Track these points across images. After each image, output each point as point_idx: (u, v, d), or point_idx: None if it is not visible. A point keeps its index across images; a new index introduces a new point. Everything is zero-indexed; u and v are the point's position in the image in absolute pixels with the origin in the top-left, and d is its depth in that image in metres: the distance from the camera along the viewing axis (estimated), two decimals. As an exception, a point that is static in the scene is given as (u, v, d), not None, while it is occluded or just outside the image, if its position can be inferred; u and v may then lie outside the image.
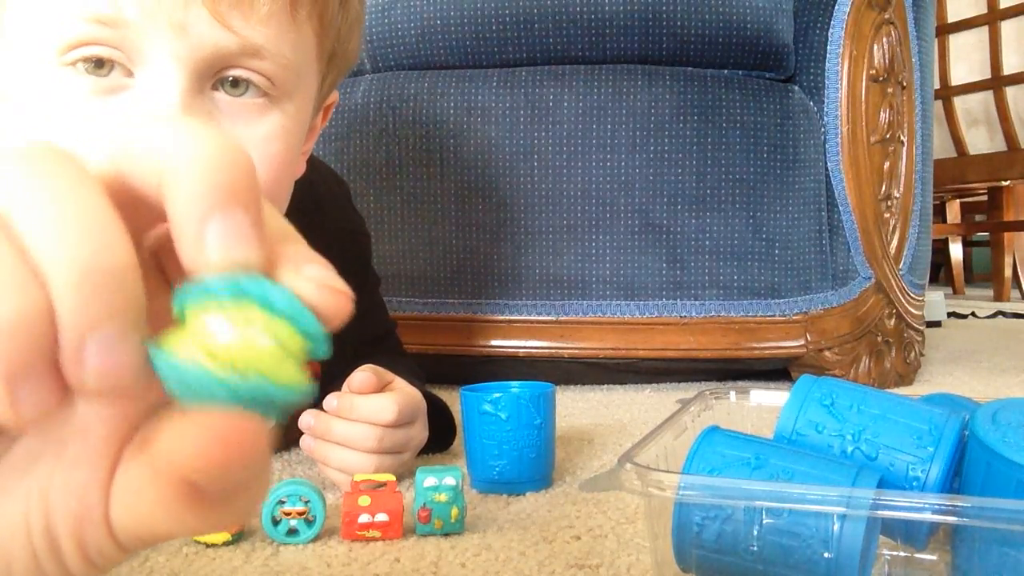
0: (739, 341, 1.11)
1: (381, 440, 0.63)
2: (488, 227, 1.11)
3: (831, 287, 1.15)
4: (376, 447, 0.63)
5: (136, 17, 0.48)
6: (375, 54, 1.13)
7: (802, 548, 0.39)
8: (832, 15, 1.13)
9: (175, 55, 0.49)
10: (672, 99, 1.10)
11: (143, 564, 0.50)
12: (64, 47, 0.49)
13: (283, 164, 0.54)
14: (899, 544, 0.46)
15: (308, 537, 0.54)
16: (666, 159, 1.09)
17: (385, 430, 0.63)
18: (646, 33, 1.08)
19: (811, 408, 0.48)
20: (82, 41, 0.49)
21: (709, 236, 1.10)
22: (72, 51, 0.49)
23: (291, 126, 0.54)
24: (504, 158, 1.10)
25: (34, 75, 0.50)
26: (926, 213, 1.25)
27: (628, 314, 1.10)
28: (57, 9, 0.48)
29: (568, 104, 1.09)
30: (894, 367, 1.17)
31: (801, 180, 1.13)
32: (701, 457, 0.44)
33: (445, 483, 0.55)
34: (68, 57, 0.49)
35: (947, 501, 0.37)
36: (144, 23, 0.48)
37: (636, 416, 0.96)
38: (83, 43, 0.49)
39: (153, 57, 0.49)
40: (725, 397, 0.59)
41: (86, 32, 0.48)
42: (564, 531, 0.56)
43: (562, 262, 1.10)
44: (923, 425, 0.45)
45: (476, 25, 1.08)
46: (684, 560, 0.43)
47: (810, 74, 1.15)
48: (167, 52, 0.49)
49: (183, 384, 0.19)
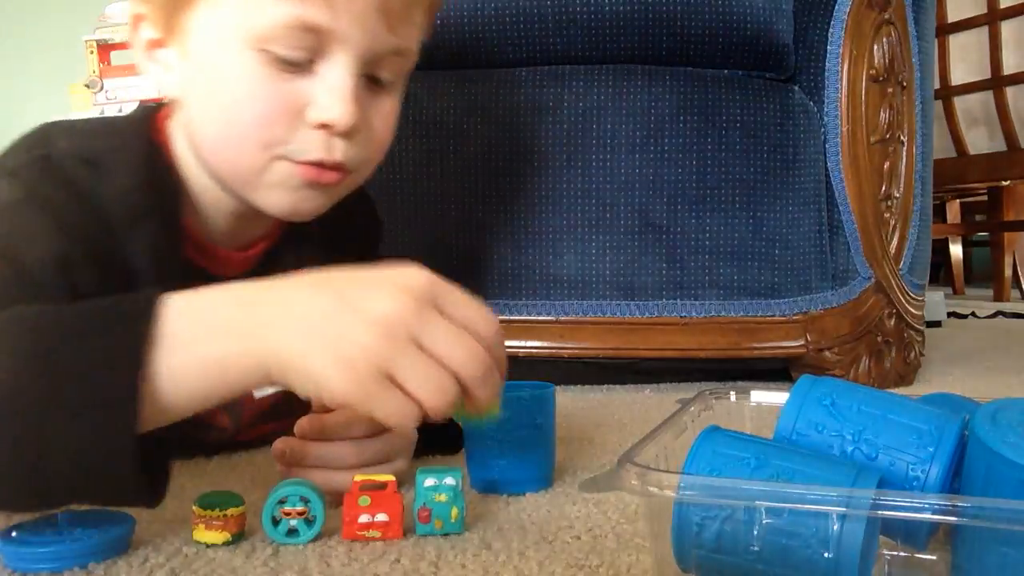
0: (739, 341, 1.11)
1: (360, 455, 0.62)
2: (488, 227, 1.11)
3: (831, 287, 1.15)
4: (356, 462, 0.62)
5: (341, 27, 0.60)
6: (375, 54, 1.13)
7: (802, 548, 0.39)
8: (832, 15, 1.13)
9: (353, 55, 0.62)
10: (672, 99, 1.09)
11: (143, 564, 0.50)
12: (264, 39, 0.60)
13: (392, 133, 0.69)
14: (899, 544, 0.46)
15: (308, 537, 0.54)
16: (666, 159, 1.09)
17: (363, 442, 0.62)
18: (646, 33, 1.08)
19: (811, 408, 0.48)
20: (285, 38, 0.60)
21: (709, 236, 1.10)
22: (271, 44, 0.60)
23: (398, 104, 0.69)
24: (504, 158, 1.10)
25: (231, 59, 0.61)
26: (926, 213, 1.25)
27: (628, 314, 1.10)
28: (266, 8, 0.60)
29: (568, 104, 1.09)
30: (894, 367, 1.17)
31: (801, 180, 1.13)
32: (701, 457, 0.44)
33: (445, 483, 0.55)
34: (266, 46, 0.60)
35: (947, 501, 0.37)
36: (345, 31, 0.61)
37: (636, 416, 0.96)
38: (284, 40, 0.60)
39: (336, 54, 0.61)
40: (725, 397, 0.59)
41: (291, 34, 0.60)
42: (564, 531, 0.56)
43: (562, 262, 1.10)
44: (923, 425, 0.45)
45: (476, 25, 1.08)
46: (684, 560, 0.43)
47: (810, 74, 1.15)
48: (351, 52, 0.62)
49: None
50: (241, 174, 0.65)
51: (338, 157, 0.64)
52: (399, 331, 0.47)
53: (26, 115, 3.69)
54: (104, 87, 3.19)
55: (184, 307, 0.48)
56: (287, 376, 0.48)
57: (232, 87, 0.62)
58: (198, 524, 0.53)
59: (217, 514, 0.52)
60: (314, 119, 0.62)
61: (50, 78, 3.39)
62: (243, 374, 0.48)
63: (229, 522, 0.53)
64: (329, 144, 0.63)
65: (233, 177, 0.66)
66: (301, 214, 0.67)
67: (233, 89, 0.62)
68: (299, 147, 0.63)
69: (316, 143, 0.63)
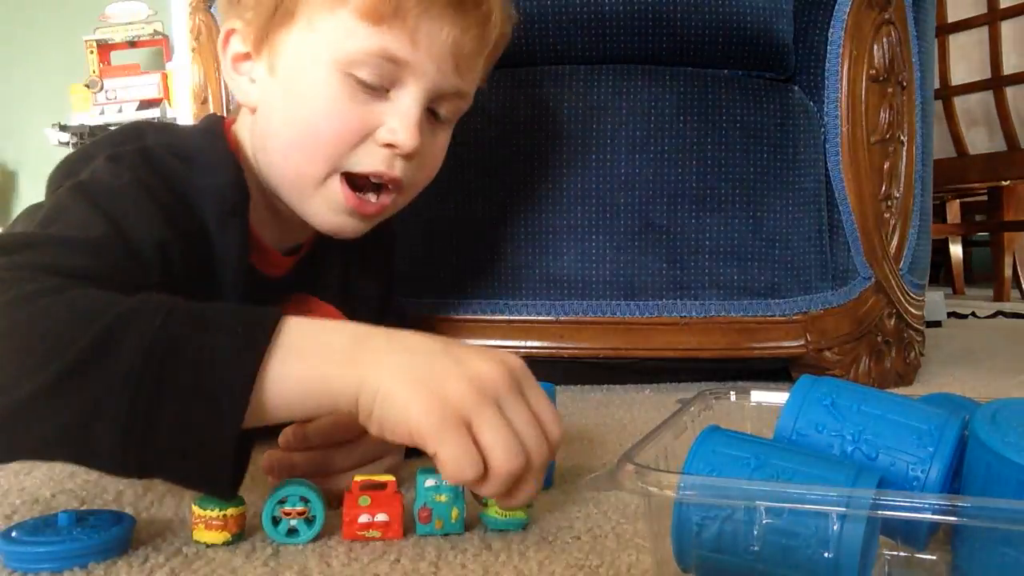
0: (739, 341, 1.11)
1: (349, 457, 0.62)
2: (488, 227, 1.11)
3: (831, 287, 1.15)
4: (347, 465, 0.62)
5: (419, 62, 0.68)
6: (375, 54, 1.13)
7: (802, 548, 0.39)
8: (832, 15, 1.13)
9: (424, 87, 0.70)
10: (672, 99, 1.09)
11: (143, 564, 0.50)
12: (351, 63, 0.68)
13: (439, 165, 0.78)
14: (899, 544, 0.46)
15: (308, 537, 0.54)
16: (666, 159, 1.09)
17: (350, 445, 0.62)
18: (646, 33, 1.08)
19: (811, 408, 0.48)
20: (369, 65, 0.68)
21: (709, 236, 1.10)
22: (356, 68, 0.68)
23: (448, 140, 0.78)
24: (504, 158, 1.10)
25: (318, 78, 0.69)
26: (926, 213, 1.25)
27: (628, 314, 1.10)
28: (357, 36, 0.67)
29: (568, 104, 1.09)
30: (894, 367, 1.17)
31: (801, 180, 1.13)
32: (701, 457, 0.44)
33: (445, 483, 0.55)
34: (351, 70, 0.68)
35: (947, 501, 0.37)
36: (422, 65, 0.69)
37: (636, 416, 0.96)
38: (368, 66, 0.68)
39: (409, 85, 0.69)
40: (725, 397, 0.59)
41: (375, 61, 0.68)
42: (564, 531, 0.56)
43: (562, 262, 1.10)
44: (923, 425, 0.45)
45: (476, 25, 1.08)
46: (684, 560, 0.43)
47: (810, 74, 1.15)
48: (422, 85, 0.69)
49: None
50: (300, 183, 0.72)
51: (396, 173, 0.71)
52: (489, 391, 0.50)
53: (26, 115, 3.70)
54: (104, 87, 3.19)
55: (303, 326, 0.52)
56: (373, 399, 0.50)
57: (315, 103, 0.69)
58: (198, 524, 0.53)
59: (217, 514, 0.52)
60: (383, 138, 0.70)
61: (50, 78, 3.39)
62: (337, 395, 0.51)
63: (229, 522, 0.53)
64: (391, 161, 0.71)
65: (292, 185, 0.73)
66: (342, 234, 0.75)
67: (315, 105, 0.69)
68: (362, 160, 0.70)
69: (379, 158, 0.70)
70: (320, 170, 0.70)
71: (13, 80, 3.50)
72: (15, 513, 0.60)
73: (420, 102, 0.70)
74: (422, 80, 0.69)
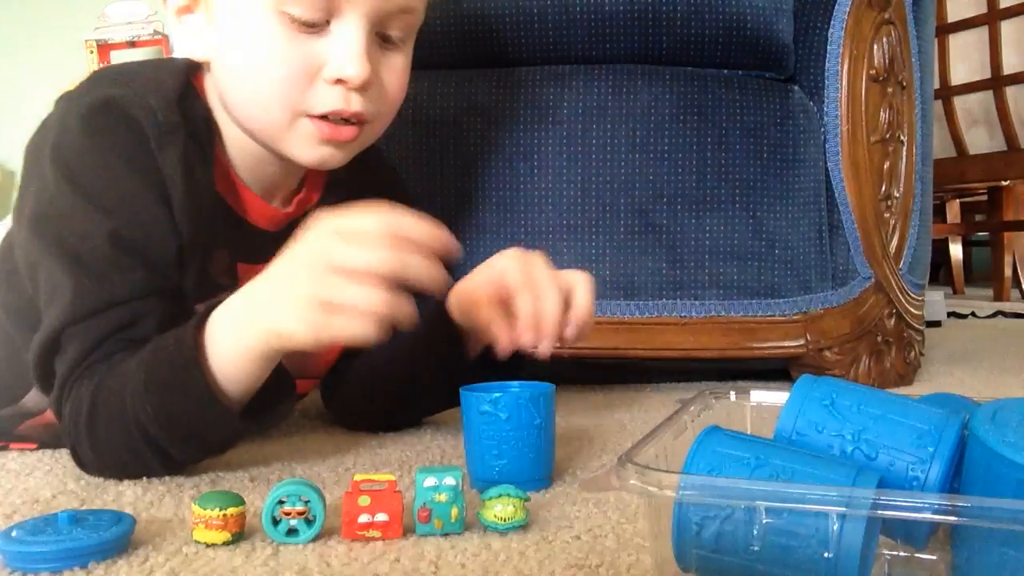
0: (739, 341, 1.11)
1: None
2: (488, 227, 1.11)
3: (831, 287, 1.15)
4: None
5: None
6: (375, 54, 1.13)
7: (802, 548, 0.39)
8: (832, 15, 1.13)
9: (363, 13, 0.68)
10: (672, 99, 1.09)
11: (143, 564, 0.50)
12: (281, 1, 0.66)
13: (406, 85, 0.75)
14: (899, 544, 0.46)
15: (308, 537, 0.54)
16: (666, 159, 1.09)
17: None
18: (646, 33, 1.08)
19: (811, 408, 0.48)
20: (299, 1, 0.66)
21: (709, 236, 1.10)
22: (287, 5, 0.66)
23: (409, 59, 0.75)
24: (504, 158, 1.10)
25: (252, 22, 0.67)
26: (926, 213, 1.25)
27: (628, 314, 1.10)
28: None
29: (568, 104, 1.09)
30: (894, 367, 1.17)
31: (801, 180, 1.13)
32: (701, 457, 0.44)
33: (445, 483, 0.55)
34: (283, 8, 0.66)
35: (947, 501, 0.37)
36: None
37: (636, 416, 0.96)
38: (299, 2, 0.66)
39: (347, 13, 0.67)
40: (725, 397, 0.59)
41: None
42: (564, 531, 0.56)
43: (562, 262, 1.10)
44: (923, 425, 0.45)
45: (476, 25, 1.08)
46: (684, 560, 0.43)
47: (810, 74, 1.15)
48: (361, 11, 0.67)
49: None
50: (269, 131, 0.72)
51: (356, 108, 0.70)
52: (316, 264, 0.59)
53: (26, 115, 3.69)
54: (104, 87, 3.19)
55: (213, 328, 0.63)
56: (285, 344, 0.62)
57: (254, 50, 0.68)
58: (198, 524, 0.53)
59: (217, 514, 0.52)
60: (331, 75, 0.68)
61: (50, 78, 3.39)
62: (264, 352, 0.63)
63: (229, 522, 0.53)
64: (347, 97, 0.69)
65: (262, 134, 0.72)
66: (328, 165, 0.74)
67: (255, 52, 0.68)
68: (319, 101, 0.69)
69: (334, 97, 0.69)
70: (281, 117, 0.70)
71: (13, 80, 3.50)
72: (15, 513, 0.60)
73: (363, 29, 0.68)
74: (359, 6, 0.67)
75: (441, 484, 0.55)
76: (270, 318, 0.61)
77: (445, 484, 0.55)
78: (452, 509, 0.55)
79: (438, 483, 0.55)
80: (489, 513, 0.55)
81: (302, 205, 0.80)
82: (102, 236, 0.67)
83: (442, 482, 0.54)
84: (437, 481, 0.55)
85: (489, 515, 0.55)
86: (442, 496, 0.55)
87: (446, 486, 0.55)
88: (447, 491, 0.55)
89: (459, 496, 0.55)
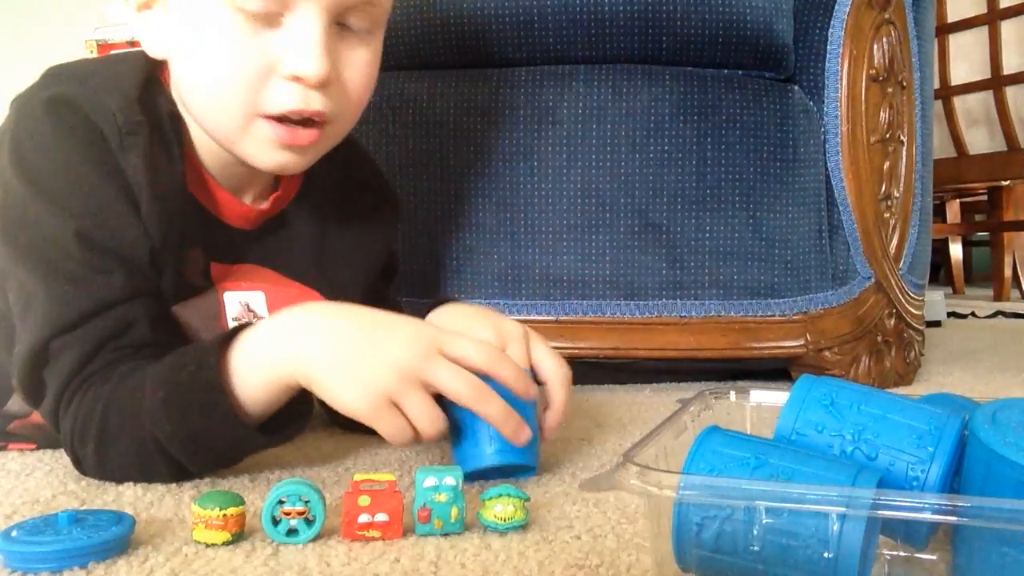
0: (739, 341, 1.11)
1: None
2: (488, 227, 1.11)
3: (831, 287, 1.15)
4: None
5: None
6: (375, 54, 1.13)
7: (802, 548, 0.39)
8: (832, 15, 1.13)
9: (319, 5, 0.63)
10: (672, 99, 1.09)
11: (143, 564, 0.50)
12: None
13: (373, 82, 0.71)
14: (899, 544, 0.46)
15: (308, 537, 0.54)
16: (666, 159, 1.09)
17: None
18: (646, 33, 1.08)
19: (811, 408, 0.48)
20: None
21: (709, 236, 1.10)
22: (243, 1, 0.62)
23: (377, 54, 0.71)
24: (504, 158, 1.10)
25: (205, 17, 0.64)
26: (926, 213, 1.25)
27: (628, 314, 1.10)
28: None
29: (568, 104, 1.09)
30: (894, 367, 1.17)
31: (801, 180, 1.13)
32: (701, 457, 0.44)
33: (445, 483, 0.55)
34: (236, 2, 0.62)
35: (947, 501, 0.37)
36: None
37: (636, 416, 0.96)
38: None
39: (303, 6, 0.63)
40: (725, 397, 0.59)
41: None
42: (564, 531, 0.56)
43: (562, 262, 1.10)
44: (923, 425, 0.45)
45: (476, 25, 1.08)
46: (684, 560, 0.43)
47: (810, 74, 1.15)
48: (316, 2, 0.63)
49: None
50: (225, 133, 0.68)
51: (316, 107, 0.65)
52: (408, 372, 0.60)
53: (26, 115, 3.57)
54: (104, 87, 3.20)
55: (241, 356, 0.63)
56: (308, 384, 0.62)
57: (208, 47, 0.65)
58: (198, 524, 0.53)
59: (217, 514, 0.52)
60: (287, 72, 0.64)
61: (50, 78, 3.39)
62: (296, 388, 0.63)
63: (229, 522, 0.53)
64: (305, 96, 0.65)
65: (218, 135, 0.69)
66: (288, 170, 0.71)
67: (209, 48, 0.65)
68: (275, 100, 0.65)
69: (291, 96, 0.65)
70: (236, 116, 0.66)
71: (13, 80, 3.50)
72: (15, 513, 0.60)
73: (319, 22, 0.63)
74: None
75: (441, 484, 0.55)
76: (326, 379, 0.61)
77: (445, 484, 0.55)
78: (452, 509, 0.55)
79: (438, 483, 0.55)
80: (489, 513, 0.55)
81: (279, 202, 0.77)
82: (69, 237, 0.64)
83: (442, 482, 0.54)
84: (437, 481, 0.55)
85: (489, 515, 0.55)
86: (442, 496, 0.55)
87: (446, 486, 0.55)
88: (447, 491, 0.55)
89: (459, 496, 0.55)
